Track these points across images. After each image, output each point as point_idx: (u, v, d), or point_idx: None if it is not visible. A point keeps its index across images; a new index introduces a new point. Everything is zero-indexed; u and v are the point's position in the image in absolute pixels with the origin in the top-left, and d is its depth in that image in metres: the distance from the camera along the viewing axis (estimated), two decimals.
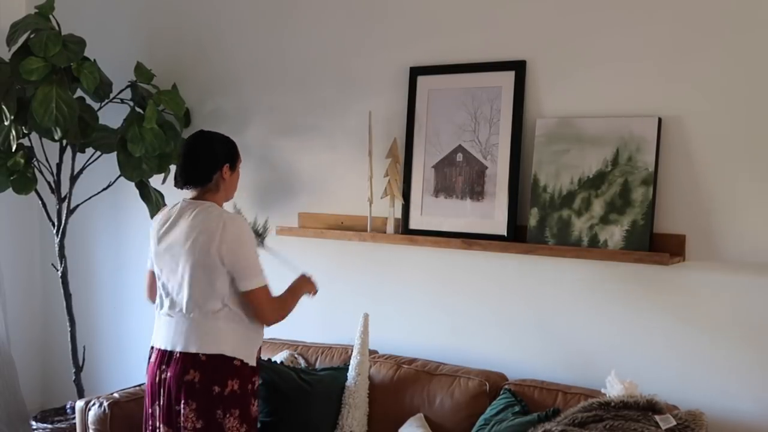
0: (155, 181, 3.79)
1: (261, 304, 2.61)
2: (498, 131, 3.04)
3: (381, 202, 3.25)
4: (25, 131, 3.63)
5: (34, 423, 3.88)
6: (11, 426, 4.14)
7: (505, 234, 3.00)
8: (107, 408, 2.99)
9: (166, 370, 2.60)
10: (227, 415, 2.57)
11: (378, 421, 3.00)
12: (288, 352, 3.27)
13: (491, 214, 3.04)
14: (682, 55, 2.72)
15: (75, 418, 3.13)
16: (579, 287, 2.94)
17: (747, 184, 2.63)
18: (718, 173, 2.68)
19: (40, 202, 3.87)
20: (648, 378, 2.67)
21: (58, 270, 3.86)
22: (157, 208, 3.65)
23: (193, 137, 2.74)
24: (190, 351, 2.57)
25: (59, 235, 3.82)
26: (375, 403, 3.02)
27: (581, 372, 2.89)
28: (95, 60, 3.61)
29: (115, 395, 3.07)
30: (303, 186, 3.59)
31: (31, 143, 3.79)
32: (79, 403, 3.11)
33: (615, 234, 2.78)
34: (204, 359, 2.56)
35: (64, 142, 3.71)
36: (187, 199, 2.69)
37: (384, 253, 3.37)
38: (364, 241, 3.25)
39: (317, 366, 3.21)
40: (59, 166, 3.82)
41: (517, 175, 2.99)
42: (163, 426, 2.60)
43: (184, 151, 2.72)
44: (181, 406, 2.55)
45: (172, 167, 3.61)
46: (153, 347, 2.69)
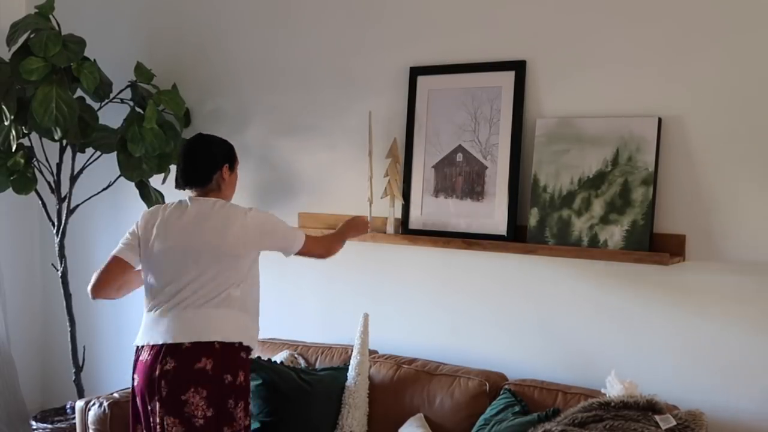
0: (155, 181, 3.80)
1: (312, 252, 2.90)
2: (498, 131, 3.04)
3: (381, 202, 3.25)
4: (25, 131, 3.63)
5: (34, 423, 3.88)
6: (11, 426, 4.14)
7: (505, 234, 3.00)
8: (107, 408, 2.99)
9: (170, 361, 2.56)
10: (237, 405, 2.60)
11: (378, 421, 3.00)
12: (288, 352, 3.27)
13: (491, 214, 3.04)
14: (682, 55, 2.72)
15: (75, 418, 3.14)
16: (579, 287, 2.93)
17: (747, 184, 2.63)
18: (718, 173, 2.68)
19: (40, 202, 3.87)
20: (648, 378, 2.67)
21: (58, 270, 3.86)
22: None
23: (192, 140, 2.82)
24: (204, 340, 2.57)
25: (59, 235, 3.82)
26: (375, 403, 3.02)
27: (581, 372, 2.89)
28: (95, 60, 3.61)
29: (115, 395, 3.07)
30: (303, 186, 3.59)
31: (31, 143, 3.78)
32: (79, 403, 3.11)
33: (615, 234, 2.78)
34: (218, 347, 2.57)
35: (64, 142, 3.71)
36: (193, 196, 2.72)
37: (384, 253, 3.37)
38: (364, 241, 3.24)
39: (317, 366, 3.21)
40: (59, 166, 3.82)
41: (517, 175, 2.99)
42: (169, 417, 2.56)
43: (183, 154, 2.77)
44: (189, 395, 2.54)
45: (172, 167, 3.61)
46: (142, 345, 2.64)
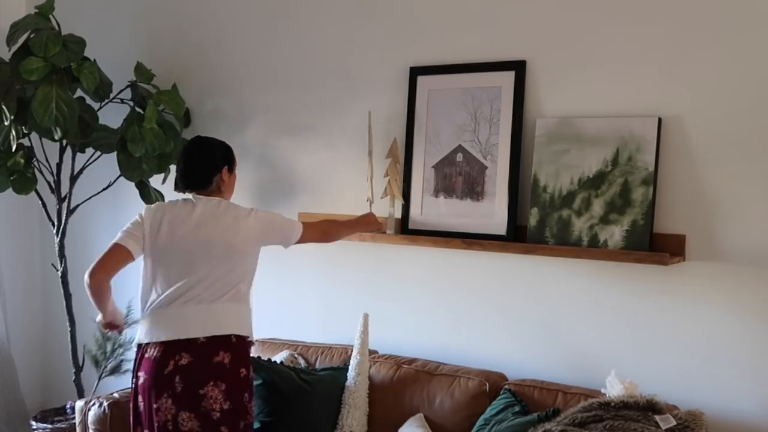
0: (155, 181, 3.79)
1: (310, 239, 2.93)
2: (498, 131, 3.04)
3: (381, 202, 3.24)
4: (25, 131, 3.62)
5: (34, 423, 3.88)
6: (11, 426, 4.13)
7: (505, 234, 3.00)
8: (107, 408, 2.99)
9: (185, 356, 2.55)
10: (251, 400, 2.64)
11: (378, 421, 3.00)
12: (288, 352, 3.27)
13: (491, 214, 3.04)
14: (682, 55, 2.72)
15: (75, 418, 3.14)
16: (579, 287, 2.93)
17: (747, 183, 2.63)
18: (718, 173, 2.68)
19: (40, 202, 3.87)
20: (648, 378, 2.67)
21: (58, 270, 3.86)
22: None
23: (190, 143, 2.83)
24: (222, 333, 2.58)
25: (59, 235, 3.82)
26: (375, 403, 3.02)
27: (581, 372, 2.89)
28: (95, 60, 3.61)
29: (115, 395, 3.07)
30: (303, 186, 3.59)
31: (31, 143, 3.78)
32: (79, 403, 3.11)
33: (615, 234, 2.77)
34: (235, 341, 2.60)
35: (64, 142, 3.71)
36: (197, 196, 2.73)
37: (384, 253, 3.37)
38: (364, 241, 3.25)
39: (317, 366, 3.21)
40: (59, 166, 3.81)
41: (517, 175, 2.99)
42: (185, 413, 2.54)
43: (182, 157, 2.78)
44: (208, 388, 2.54)
45: (172, 167, 3.60)
46: (149, 343, 2.61)
